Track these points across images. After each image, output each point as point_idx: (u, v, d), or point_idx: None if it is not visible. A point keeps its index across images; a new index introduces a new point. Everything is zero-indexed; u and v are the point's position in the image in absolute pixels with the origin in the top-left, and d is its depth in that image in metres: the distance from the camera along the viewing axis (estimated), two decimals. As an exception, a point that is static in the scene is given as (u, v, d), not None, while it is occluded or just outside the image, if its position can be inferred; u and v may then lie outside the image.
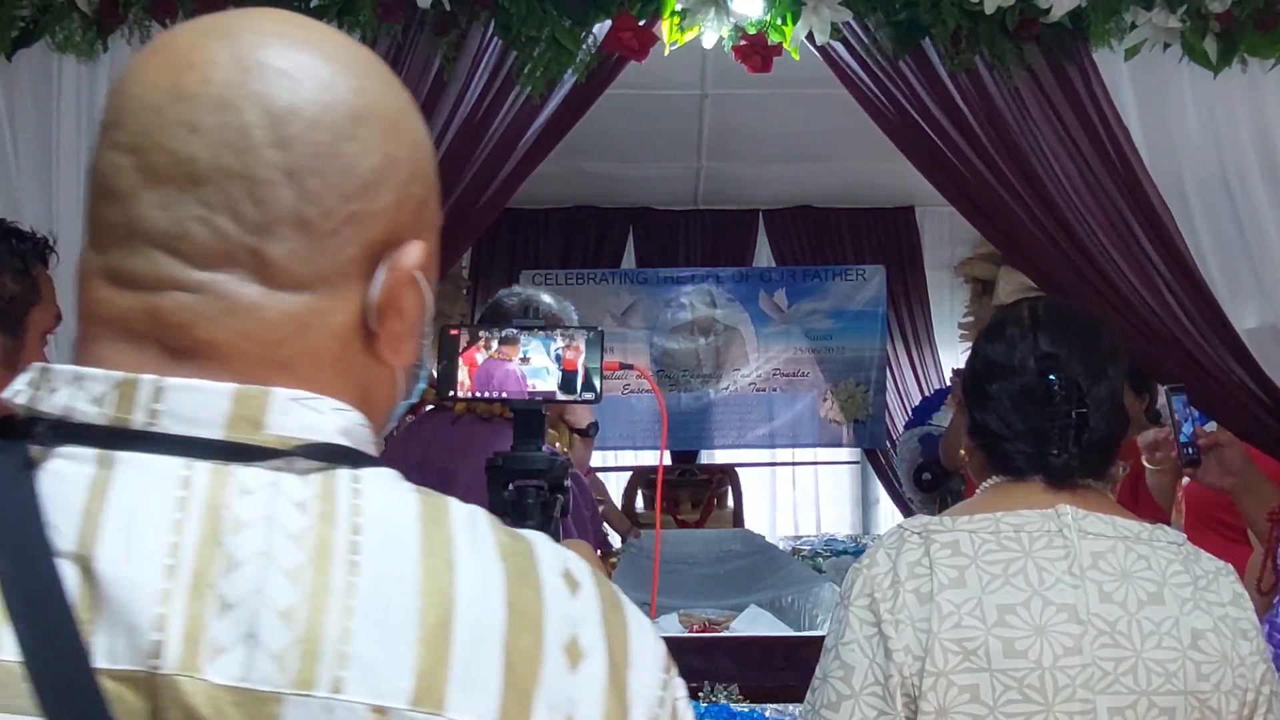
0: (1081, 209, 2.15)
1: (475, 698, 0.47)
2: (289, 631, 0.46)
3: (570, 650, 0.50)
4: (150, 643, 0.45)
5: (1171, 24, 2.09)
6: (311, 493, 0.49)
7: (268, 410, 0.50)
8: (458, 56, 2.13)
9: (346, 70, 0.54)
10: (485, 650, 0.48)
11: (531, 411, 1.13)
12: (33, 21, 2.07)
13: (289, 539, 0.47)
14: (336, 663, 0.46)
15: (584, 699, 0.49)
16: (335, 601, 0.47)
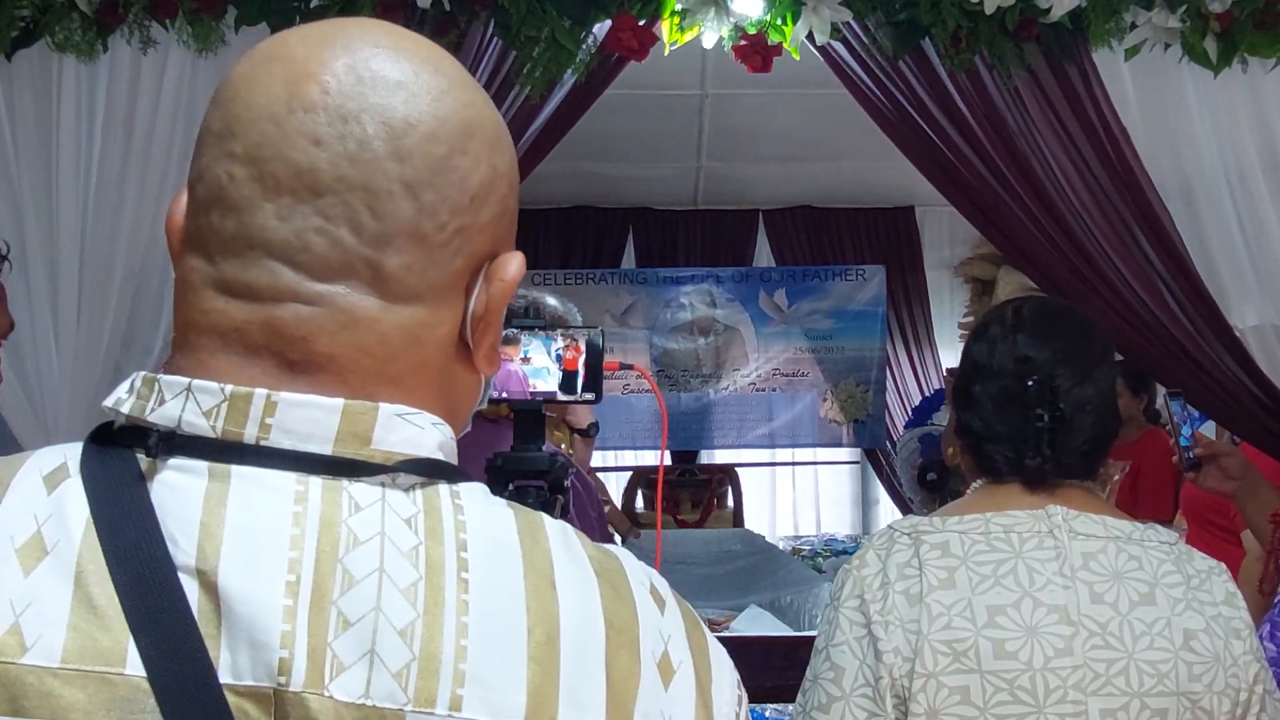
0: (1080, 209, 2.15)
1: (583, 714, 0.48)
2: (408, 650, 0.46)
3: (663, 667, 0.51)
4: (277, 660, 0.46)
5: (1171, 24, 2.09)
6: (417, 508, 0.50)
7: (375, 426, 0.50)
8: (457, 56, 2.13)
9: (456, 84, 0.54)
10: (589, 667, 0.49)
11: (532, 412, 1.13)
12: (33, 21, 2.07)
13: (402, 556, 0.48)
14: (454, 681, 0.46)
15: (677, 713, 0.51)
16: (449, 619, 0.47)
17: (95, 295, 2.04)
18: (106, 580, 0.46)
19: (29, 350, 2.03)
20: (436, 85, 0.53)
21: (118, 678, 0.45)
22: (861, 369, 4.62)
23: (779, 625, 2.58)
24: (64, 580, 0.47)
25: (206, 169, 0.51)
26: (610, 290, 4.65)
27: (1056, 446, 1.08)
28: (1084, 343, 1.13)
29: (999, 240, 2.29)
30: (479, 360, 0.56)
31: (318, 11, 2.13)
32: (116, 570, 0.46)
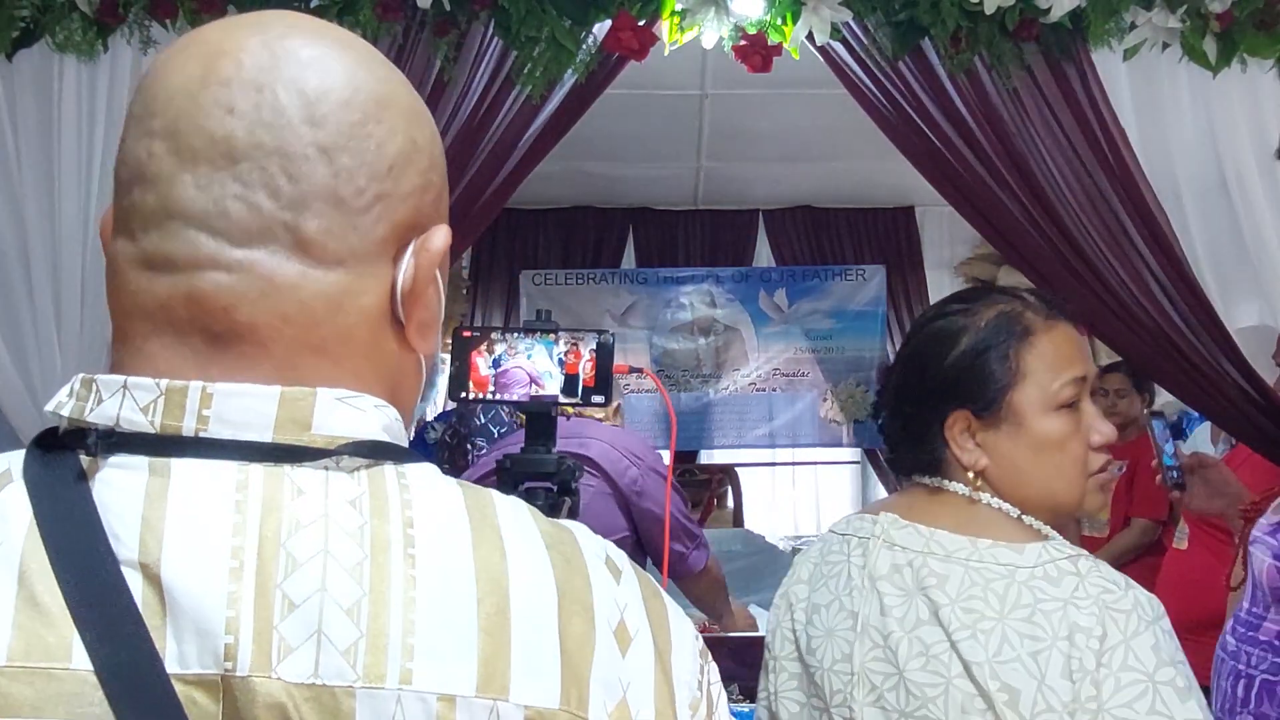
0: (1078, 210, 2.16)
1: (537, 682, 0.48)
2: (355, 628, 0.47)
3: (619, 634, 0.51)
4: (223, 646, 0.46)
5: (1171, 24, 2.10)
6: (362, 490, 0.50)
7: (315, 411, 0.51)
8: (458, 57, 2.13)
9: (369, 60, 0.55)
10: (542, 636, 0.49)
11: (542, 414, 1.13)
12: (33, 21, 2.07)
13: (347, 536, 0.48)
14: (404, 655, 0.47)
15: (635, 681, 0.51)
16: (396, 595, 0.48)
17: (98, 293, 2.04)
18: (50, 577, 0.47)
19: (32, 349, 2.03)
20: (350, 58, 0.54)
21: (64, 673, 0.46)
22: (861, 369, 4.62)
23: (779, 625, 2.58)
24: (8, 580, 0.47)
25: (129, 151, 0.52)
26: (610, 290, 4.65)
27: (889, 442, 1.10)
28: (920, 335, 1.10)
29: (997, 240, 2.30)
30: (411, 335, 0.55)
31: (317, 11, 2.13)
32: (59, 567, 0.47)
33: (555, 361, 1.14)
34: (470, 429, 2.86)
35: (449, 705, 0.47)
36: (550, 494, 1.10)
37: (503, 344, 1.13)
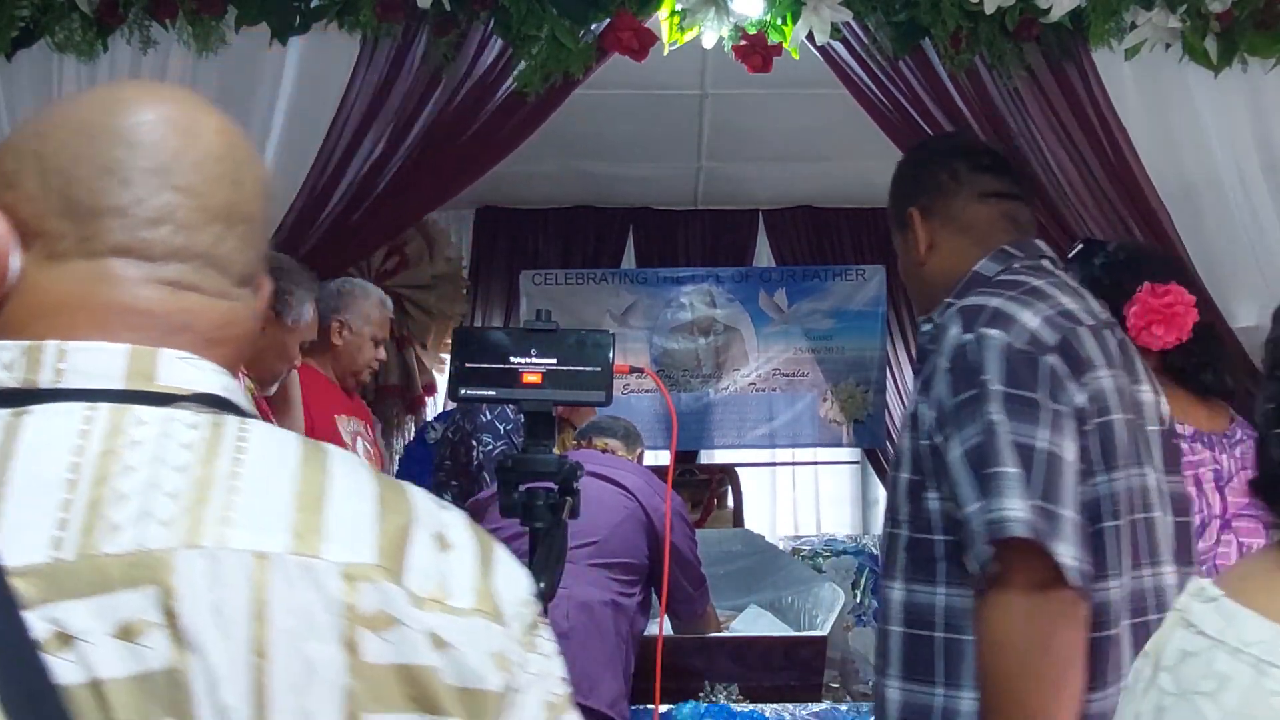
0: (1079, 209, 2.16)
1: (351, 547, 0.55)
2: (176, 506, 0.54)
3: (439, 540, 0.58)
4: (51, 538, 0.53)
5: (1172, 24, 2.10)
6: (203, 420, 0.58)
7: (157, 365, 0.60)
8: (457, 55, 2.14)
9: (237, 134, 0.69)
10: (359, 522, 0.57)
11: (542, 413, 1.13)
12: (33, 21, 2.07)
13: (181, 448, 0.56)
14: (221, 525, 0.54)
15: (456, 577, 0.58)
16: (220, 487, 0.55)
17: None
18: None
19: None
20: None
21: None
22: (861, 369, 4.62)
23: (779, 625, 2.58)
24: None
25: (147, 197, 0.62)
26: (610, 290, 4.65)
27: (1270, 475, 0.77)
28: None
29: (999, 240, 2.29)
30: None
31: (317, 11, 2.13)
32: None
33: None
34: (475, 425, 2.86)
35: (263, 561, 0.54)
36: (550, 494, 1.10)
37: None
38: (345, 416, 2.51)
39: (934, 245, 1.30)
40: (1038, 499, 0.99)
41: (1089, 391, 1.06)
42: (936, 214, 1.30)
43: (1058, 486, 1.00)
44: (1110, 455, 1.06)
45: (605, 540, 2.08)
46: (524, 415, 1.15)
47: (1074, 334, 1.08)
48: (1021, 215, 1.28)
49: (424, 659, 0.55)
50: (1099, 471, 1.06)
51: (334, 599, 0.54)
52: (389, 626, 0.55)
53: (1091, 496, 1.05)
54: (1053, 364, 1.05)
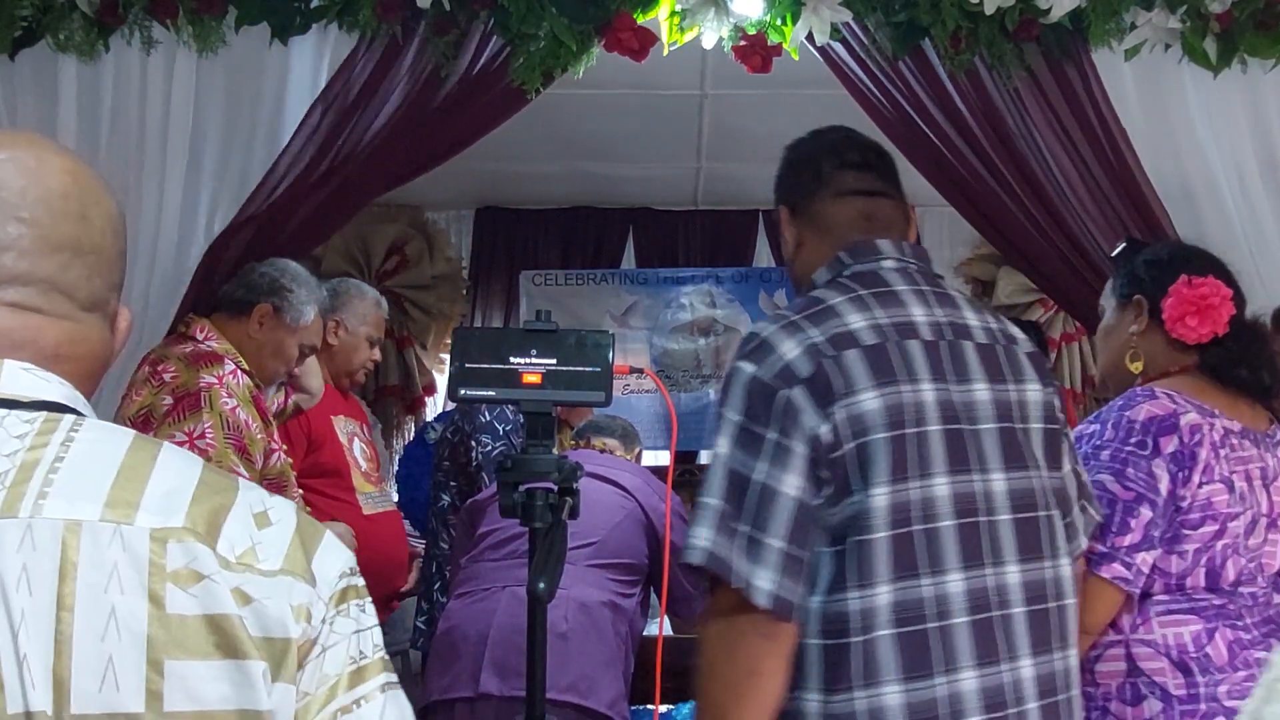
0: (1079, 209, 2.16)
1: (162, 514, 0.63)
2: (1, 484, 0.62)
3: (259, 517, 0.66)
4: None
5: (1171, 24, 2.10)
6: (38, 418, 0.66)
7: (1, 375, 0.67)
8: (456, 55, 2.14)
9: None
10: (175, 498, 0.64)
11: (542, 413, 1.13)
12: (34, 22, 2.07)
13: (11, 437, 0.64)
14: (38, 497, 0.62)
15: (269, 546, 0.65)
16: (42, 468, 0.63)
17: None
18: None
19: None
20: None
21: None
22: (861, 369, 4.62)
23: (779, 625, 2.59)
24: None
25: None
26: (610, 290, 4.65)
27: None
28: None
29: (998, 240, 2.30)
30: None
31: (317, 12, 2.13)
32: None
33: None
34: (474, 426, 2.85)
35: (74, 529, 0.61)
36: (550, 494, 1.10)
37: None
38: (342, 417, 2.52)
39: (801, 244, 1.33)
40: (747, 527, 1.09)
41: (842, 417, 1.12)
42: (801, 213, 1.32)
43: (767, 517, 1.09)
44: (877, 471, 1.11)
45: (604, 541, 2.07)
46: (524, 415, 1.15)
47: (836, 361, 1.13)
48: (880, 213, 1.29)
49: (228, 609, 0.62)
50: (856, 490, 1.12)
51: (140, 556, 0.61)
52: (195, 581, 0.62)
53: (847, 514, 1.11)
54: (791, 397, 1.11)
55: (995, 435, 1.19)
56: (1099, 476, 1.43)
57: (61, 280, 0.71)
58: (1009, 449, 1.19)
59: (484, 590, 2.07)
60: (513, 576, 2.04)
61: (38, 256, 0.70)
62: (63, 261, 0.71)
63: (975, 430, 1.18)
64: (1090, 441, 1.48)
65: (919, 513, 1.13)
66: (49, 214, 0.70)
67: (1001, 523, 1.16)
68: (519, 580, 2.01)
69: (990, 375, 1.20)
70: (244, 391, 1.96)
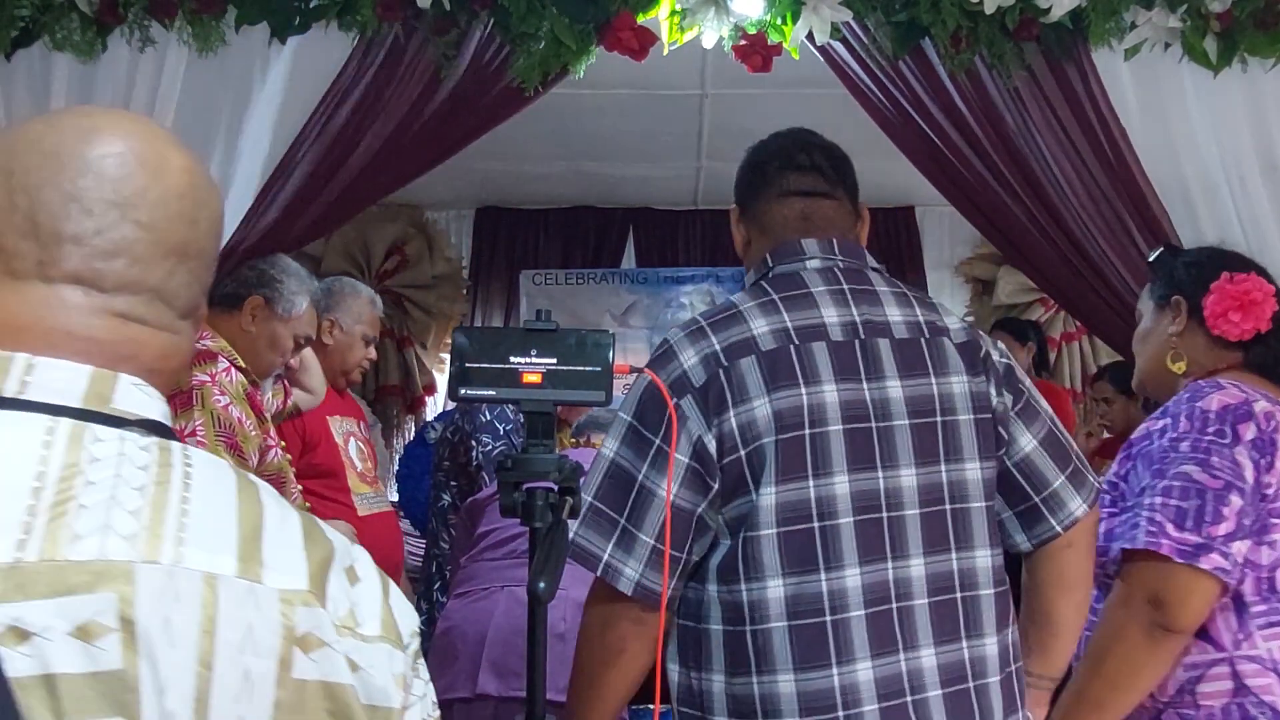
0: (1079, 209, 2.15)
1: (286, 576, 0.61)
2: (136, 523, 0.58)
3: (349, 573, 0.65)
4: (16, 541, 0.56)
5: (1172, 24, 2.10)
6: (151, 443, 0.63)
7: (115, 391, 0.63)
8: (456, 55, 2.14)
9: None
10: (290, 551, 0.63)
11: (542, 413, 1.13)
12: (32, 21, 2.07)
13: (136, 468, 0.61)
14: (177, 544, 0.59)
15: (364, 605, 0.64)
16: (173, 510, 0.60)
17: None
18: None
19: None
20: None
21: None
22: (861, 369, 4.62)
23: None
24: None
25: (106, 228, 0.65)
26: (610, 290, 4.65)
27: None
28: None
29: (998, 240, 2.30)
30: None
31: (317, 11, 2.13)
32: None
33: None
34: (475, 426, 2.85)
35: (212, 582, 0.59)
36: (550, 494, 1.10)
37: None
38: (338, 417, 2.51)
39: (748, 242, 1.37)
40: (620, 518, 1.19)
41: (731, 426, 1.17)
42: (748, 212, 1.36)
43: (642, 516, 1.18)
44: (766, 473, 1.16)
45: None
46: (524, 415, 1.14)
47: (730, 369, 1.19)
48: (819, 213, 1.32)
49: (343, 678, 0.61)
50: (747, 491, 1.17)
51: (272, 619, 0.60)
52: (318, 647, 0.61)
53: (739, 513, 1.18)
54: (681, 407, 1.18)
55: (908, 431, 1.21)
56: (1183, 468, 1.37)
57: (166, 288, 0.67)
58: (923, 444, 1.21)
59: (483, 590, 2.07)
60: (511, 576, 2.04)
61: (149, 264, 0.66)
62: (169, 268, 0.67)
63: (887, 427, 1.20)
64: (1163, 436, 1.42)
65: (816, 510, 1.17)
66: (165, 217, 0.67)
67: (908, 517, 1.19)
68: (517, 580, 2.01)
69: (906, 371, 1.23)
70: (237, 389, 1.95)
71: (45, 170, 0.64)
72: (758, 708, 1.15)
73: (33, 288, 0.64)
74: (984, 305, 4.50)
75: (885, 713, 1.15)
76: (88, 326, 0.64)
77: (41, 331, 0.63)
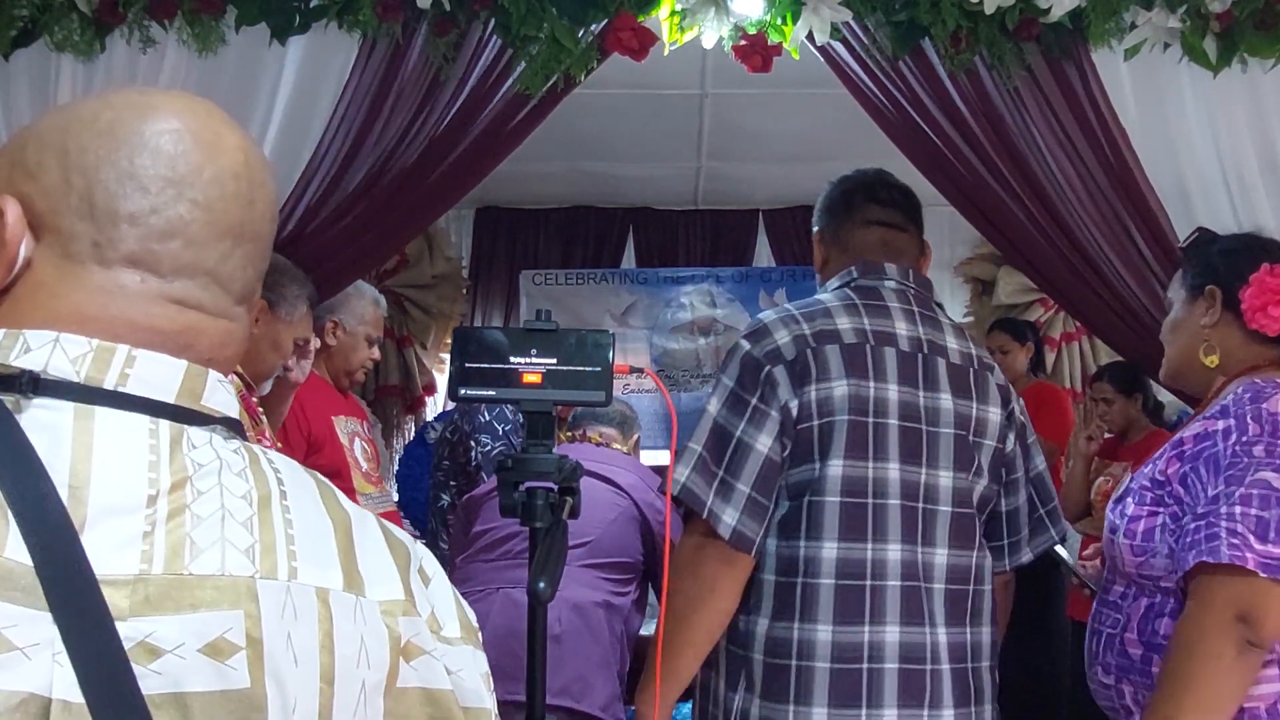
0: (1079, 209, 2.15)
1: (383, 586, 0.62)
2: (250, 535, 0.59)
3: (422, 572, 0.66)
4: (139, 553, 0.55)
5: (1171, 24, 2.10)
6: (238, 446, 0.63)
7: (205, 387, 0.63)
8: (456, 55, 2.13)
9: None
10: (381, 561, 0.63)
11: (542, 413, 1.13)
12: (32, 21, 2.07)
13: (235, 475, 0.60)
14: (289, 559, 0.59)
15: (439, 603, 0.65)
16: (277, 519, 0.60)
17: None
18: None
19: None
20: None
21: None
22: (861, 369, 4.61)
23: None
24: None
25: (162, 207, 0.63)
26: (610, 290, 4.65)
27: None
28: None
29: (998, 240, 2.29)
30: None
31: (317, 11, 2.13)
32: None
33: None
34: (474, 426, 2.85)
35: (325, 598, 0.59)
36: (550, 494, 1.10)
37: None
38: (343, 417, 2.51)
39: (827, 261, 1.57)
40: (719, 470, 1.33)
41: (812, 397, 1.35)
42: (829, 235, 1.57)
43: (739, 466, 1.33)
44: (834, 446, 1.34)
45: (598, 540, 2.07)
46: (524, 415, 1.14)
47: (816, 352, 1.37)
48: (897, 243, 1.53)
49: (443, 683, 0.63)
50: (815, 459, 1.35)
51: (379, 632, 0.61)
52: (418, 655, 0.62)
53: (805, 478, 1.35)
54: (774, 373, 1.35)
55: (951, 440, 1.40)
56: (1261, 474, 1.29)
57: (221, 271, 0.64)
58: (960, 453, 1.40)
59: (479, 592, 2.07)
60: (506, 578, 2.04)
61: (204, 245, 0.63)
62: (224, 250, 0.64)
63: (934, 432, 1.39)
64: (1229, 439, 1.34)
65: (872, 488, 1.35)
66: (221, 197, 0.64)
67: (940, 512, 1.38)
68: (512, 582, 2.00)
69: (956, 390, 1.42)
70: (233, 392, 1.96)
71: (102, 148, 0.62)
72: (794, 650, 1.32)
73: (90, 273, 0.61)
74: (984, 305, 4.49)
75: (903, 674, 1.32)
76: (149, 315, 0.62)
77: (106, 321, 0.60)
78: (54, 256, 0.61)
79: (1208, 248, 1.52)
